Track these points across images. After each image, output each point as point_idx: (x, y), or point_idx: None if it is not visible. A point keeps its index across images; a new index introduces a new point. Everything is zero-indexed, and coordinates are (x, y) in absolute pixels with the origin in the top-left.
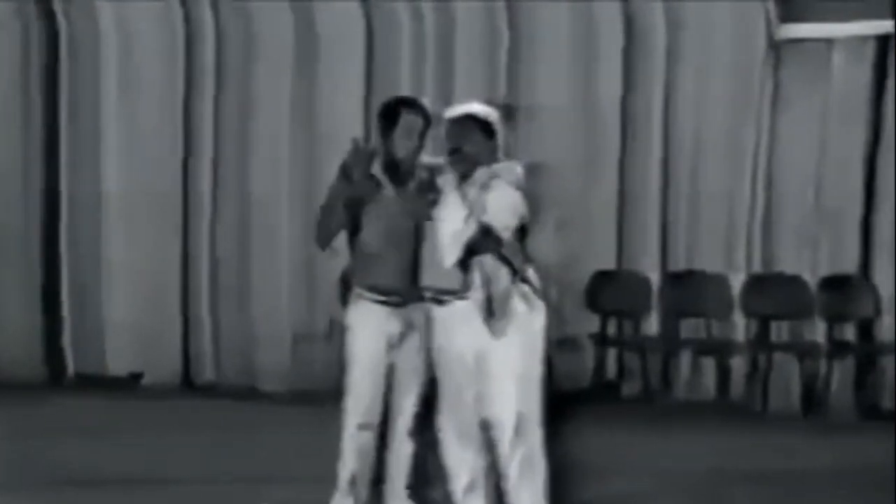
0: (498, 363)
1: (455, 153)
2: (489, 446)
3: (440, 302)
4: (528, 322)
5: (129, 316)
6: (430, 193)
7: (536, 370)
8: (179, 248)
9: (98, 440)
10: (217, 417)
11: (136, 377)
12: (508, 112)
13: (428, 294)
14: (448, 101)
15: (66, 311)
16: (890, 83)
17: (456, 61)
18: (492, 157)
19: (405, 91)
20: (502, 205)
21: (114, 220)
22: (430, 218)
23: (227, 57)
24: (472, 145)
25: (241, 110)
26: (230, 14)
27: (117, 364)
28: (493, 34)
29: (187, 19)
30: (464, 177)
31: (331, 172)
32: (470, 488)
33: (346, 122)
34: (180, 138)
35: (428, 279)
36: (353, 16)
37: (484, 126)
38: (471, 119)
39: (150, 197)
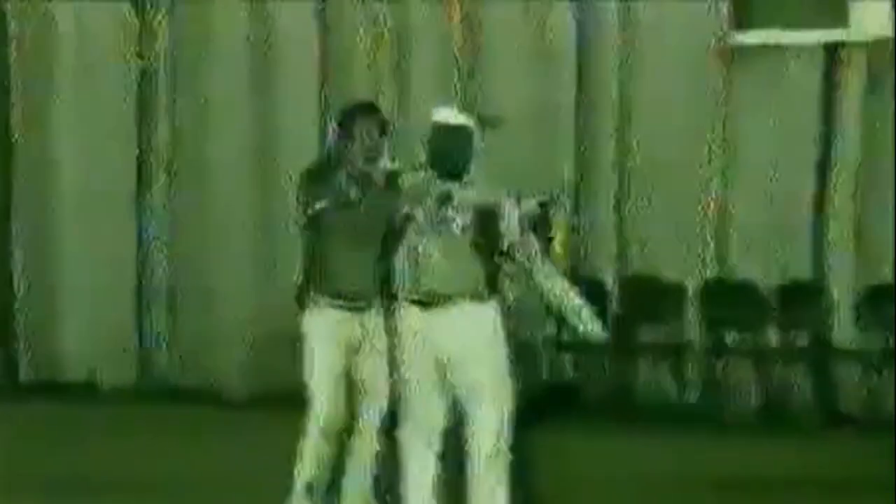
0: (483, 367)
1: (444, 159)
2: (457, 455)
3: (430, 305)
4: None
5: (84, 320)
6: (392, 197)
7: (507, 375)
8: (135, 250)
9: (54, 446)
10: (175, 421)
11: (92, 382)
12: (492, 122)
13: (418, 297)
14: (404, 107)
15: (19, 316)
16: (841, 91)
17: (412, 68)
18: (469, 167)
19: (360, 95)
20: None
21: (68, 221)
22: (396, 220)
23: (182, 58)
24: (462, 152)
25: (196, 110)
26: (184, 15)
27: (73, 369)
28: (448, 40)
29: (142, 21)
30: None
31: (289, 171)
32: (431, 496)
33: (303, 122)
34: (135, 138)
35: (425, 282)
36: (308, 19)
37: (467, 135)
38: (458, 127)
39: (105, 198)
